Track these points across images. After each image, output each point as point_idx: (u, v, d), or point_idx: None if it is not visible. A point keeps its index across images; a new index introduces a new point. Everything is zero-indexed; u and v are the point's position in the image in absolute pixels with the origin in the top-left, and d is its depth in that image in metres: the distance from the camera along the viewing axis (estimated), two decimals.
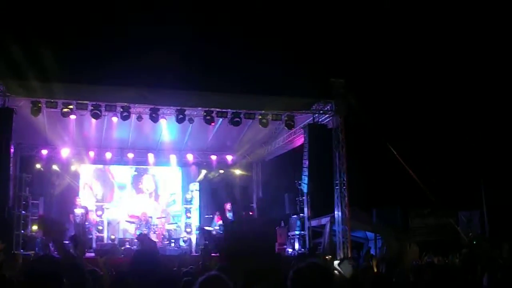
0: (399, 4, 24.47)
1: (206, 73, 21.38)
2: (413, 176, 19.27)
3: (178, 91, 19.30)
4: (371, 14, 25.32)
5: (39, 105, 18.10)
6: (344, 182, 19.57)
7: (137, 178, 26.47)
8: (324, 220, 21.95)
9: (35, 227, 22.96)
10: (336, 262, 9.20)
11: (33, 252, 20.99)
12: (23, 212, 22.34)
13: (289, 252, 22.61)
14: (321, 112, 20.26)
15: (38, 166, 24.49)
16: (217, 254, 16.69)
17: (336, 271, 8.95)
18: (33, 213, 23.09)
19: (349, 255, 18.84)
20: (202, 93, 19.31)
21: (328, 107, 20.09)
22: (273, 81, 20.33)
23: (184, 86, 19.13)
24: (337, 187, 19.64)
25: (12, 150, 18.69)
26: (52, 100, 18.09)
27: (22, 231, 22.07)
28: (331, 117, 20.13)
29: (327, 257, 18.42)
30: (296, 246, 22.38)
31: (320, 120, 20.35)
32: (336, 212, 19.74)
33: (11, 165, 19.36)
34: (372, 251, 22.55)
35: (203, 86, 19.18)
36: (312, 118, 20.31)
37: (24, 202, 22.53)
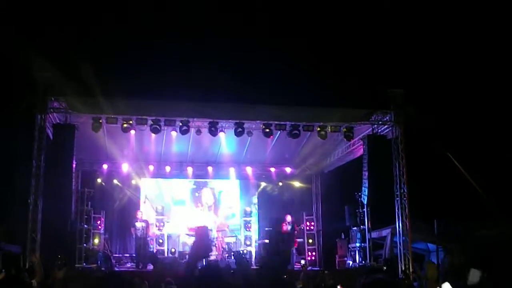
0: (455, 13, 24.15)
1: (264, 86, 21.37)
2: (475, 186, 18.93)
3: (236, 104, 19.36)
4: (427, 23, 25.01)
5: (100, 121, 18.39)
6: (405, 193, 19.31)
7: (196, 191, 26.62)
8: (385, 232, 21.72)
9: (96, 241, 23.27)
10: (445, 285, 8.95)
11: (95, 265, 21.32)
12: (85, 226, 22.72)
13: (350, 265, 22.43)
14: (380, 122, 20.06)
15: (99, 180, 24.88)
16: None
17: None
18: (95, 226, 23.41)
19: (411, 267, 18.58)
20: (260, 106, 19.30)
21: (387, 117, 19.89)
22: (331, 93, 20.19)
23: (243, 99, 19.15)
24: (397, 198, 19.40)
25: (74, 166, 18.98)
26: (112, 116, 18.36)
27: (85, 245, 22.44)
28: (390, 128, 19.92)
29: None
30: (357, 258, 22.20)
31: (379, 130, 20.16)
32: (397, 224, 19.48)
33: (73, 180, 19.70)
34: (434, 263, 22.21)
35: (261, 99, 19.16)
36: (371, 129, 20.13)
37: (86, 216, 22.94)
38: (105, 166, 24.80)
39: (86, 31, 23.48)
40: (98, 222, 23.72)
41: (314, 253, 25.26)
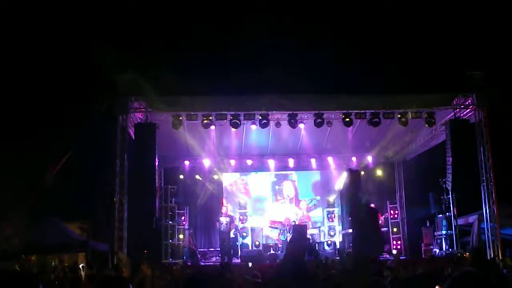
0: None
1: (342, 75, 21.20)
2: None
3: (314, 95, 19.26)
4: (506, 2, 24.36)
5: (180, 118, 18.62)
6: (491, 177, 18.86)
7: (277, 184, 26.67)
8: (472, 218, 21.30)
9: (181, 236, 23.55)
10: None
11: (181, 260, 21.61)
12: (170, 222, 23.01)
13: (436, 253, 22.06)
14: (462, 106, 19.64)
15: (181, 177, 25.13)
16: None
17: None
18: (179, 222, 23.69)
19: (500, 254, 18.14)
20: (339, 95, 19.17)
21: (469, 101, 19.46)
22: (410, 78, 19.87)
23: (320, 89, 19.04)
24: (483, 184, 18.97)
25: (156, 163, 19.25)
26: (192, 113, 18.54)
27: (170, 241, 22.73)
28: (473, 111, 19.47)
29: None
30: (444, 246, 21.82)
31: (461, 115, 19.74)
32: (483, 209, 19.04)
33: (156, 177, 19.99)
34: None
35: (340, 89, 19.02)
36: (453, 113, 19.73)
37: (170, 213, 23.22)
38: (186, 163, 25.08)
39: (163, 31, 23.79)
40: (182, 218, 24.00)
41: (399, 242, 24.97)
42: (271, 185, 26.72)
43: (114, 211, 17.68)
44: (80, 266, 18.25)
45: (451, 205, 21.73)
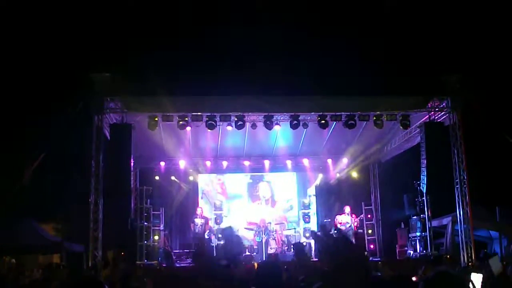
0: None
1: (318, 77, 21.26)
2: None
3: (290, 97, 19.29)
4: (481, 6, 24.60)
5: (156, 119, 18.58)
6: (465, 180, 18.99)
7: (253, 185, 26.71)
8: (446, 220, 21.48)
9: (156, 238, 23.52)
10: (474, 275, 8.69)
11: (156, 262, 21.57)
12: (145, 223, 22.95)
13: (411, 254, 22.21)
14: (437, 109, 19.77)
15: (157, 178, 25.11)
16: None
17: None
18: (154, 224, 23.65)
19: (473, 255, 18.29)
20: (315, 97, 19.22)
21: (444, 104, 19.60)
22: (386, 81, 19.97)
23: (297, 92, 19.08)
24: (457, 186, 19.10)
25: (132, 164, 19.20)
26: (168, 114, 18.52)
27: (145, 242, 22.69)
28: (447, 114, 19.61)
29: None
30: (418, 248, 21.98)
31: (436, 117, 19.85)
32: (457, 211, 19.18)
33: (132, 178, 19.94)
34: (497, 250, 21.88)
35: (315, 91, 19.06)
36: (428, 116, 19.86)
37: (145, 214, 23.17)
38: (162, 164, 25.05)
39: (139, 31, 23.74)
40: (158, 219, 23.96)
41: (374, 244, 25.12)
42: (247, 186, 26.75)
43: (89, 212, 17.60)
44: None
45: (426, 207, 21.89)
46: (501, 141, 18.96)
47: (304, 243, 23.67)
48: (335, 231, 20.70)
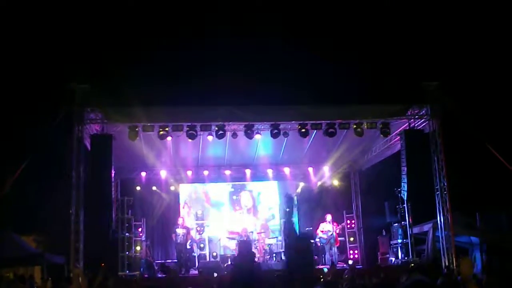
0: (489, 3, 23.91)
1: (298, 86, 21.35)
2: None
3: (270, 106, 19.33)
4: (459, 14, 24.79)
5: (136, 129, 18.51)
6: (445, 186, 19.06)
7: (234, 194, 26.76)
8: (427, 227, 21.55)
9: (138, 248, 23.46)
10: None
11: (138, 272, 21.49)
12: (126, 234, 22.89)
13: (392, 262, 22.29)
14: (417, 117, 19.86)
15: (138, 188, 25.06)
16: None
17: None
18: (136, 234, 23.59)
19: (454, 261, 18.37)
20: (295, 106, 19.25)
21: (423, 111, 19.69)
22: (366, 89, 20.10)
23: (277, 101, 19.13)
24: (437, 192, 19.18)
25: (112, 175, 19.13)
26: (148, 124, 18.47)
27: (127, 253, 22.62)
28: (427, 122, 19.71)
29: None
30: (399, 254, 22.06)
31: (416, 125, 19.94)
32: (438, 218, 19.26)
33: (112, 189, 19.87)
34: (478, 256, 21.98)
35: (295, 100, 19.12)
36: (408, 123, 19.95)
37: (127, 225, 23.14)
38: (143, 174, 24.99)
39: (119, 42, 23.70)
40: (139, 230, 23.94)
41: (356, 251, 25.19)
42: (228, 195, 26.78)
43: (70, 223, 17.50)
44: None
45: (406, 214, 22.03)
46: (480, 148, 19.07)
47: None
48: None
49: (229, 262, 22.02)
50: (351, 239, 25.36)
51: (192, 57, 24.79)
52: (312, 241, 21.96)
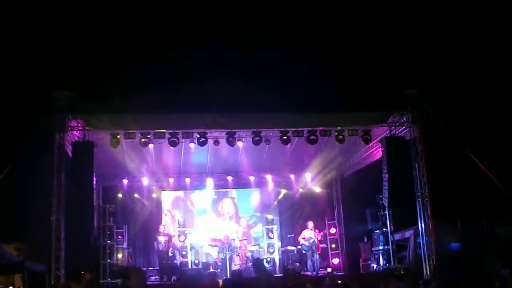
0: (468, 10, 24.08)
1: (279, 93, 21.38)
2: (497, 183, 18.73)
3: (252, 113, 19.32)
4: (440, 22, 24.95)
5: (118, 137, 18.47)
6: (426, 193, 19.17)
7: (217, 202, 26.79)
8: (408, 233, 21.64)
9: (120, 256, 23.39)
10: None
11: (119, 280, 21.38)
12: (108, 241, 22.82)
13: (374, 268, 22.37)
14: (398, 124, 19.96)
15: (120, 195, 25.01)
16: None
17: None
18: (118, 242, 23.53)
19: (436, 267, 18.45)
20: (276, 114, 19.26)
21: (404, 118, 19.80)
22: (347, 97, 20.15)
23: (258, 108, 19.13)
24: (419, 199, 19.29)
25: (94, 182, 19.08)
26: (130, 131, 18.44)
27: (109, 260, 22.54)
28: (408, 129, 19.82)
29: None
30: (381, 261, 22.14)
31: (397, 132, 20.05)
32: (419, 224, 19.36)
33: (94, 196, 19.81)
34: None
35: (277, 107, 19.14)
36: (389, 131, 20.05)
37: (109, 232, 23.06)
38: (125, 181, 24.96)
39: (102, 48, 23.64)
40: (121, 237, 23.84)
41: (338, 258, 25.24)
42: (211, 202, 26.78)
43: (51, 231, 17.42)
44: None
45: (388, 221, 22.11)
46: (461, 155, 19.18)
47: (268, 259, 23.78)
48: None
49: (212, 269, 22.05)
50: (333, 246, 25.41)
51: (174, 65, 24.77)
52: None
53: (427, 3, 24.93)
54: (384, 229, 22.39)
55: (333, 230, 25.70)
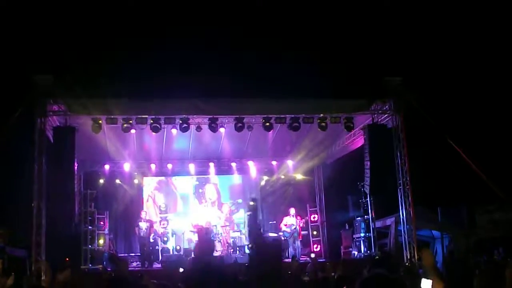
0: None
1: (262, 80, 21.31)
2: (477, 172, 18.80)
3: (235, 99, 19.25)
4: (422, 9, 24.98)
5: (100, 122, 18.35)
6: (407, 181, 19.20)
7: (199, 187, 26.74)
8: (389, 221, 21.76)
9: (101, 241, 23.32)
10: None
11: (101, 266, 21.36)
12: (89, 227, 22.78)
13: (355, 255, 22.46)
14: (380, 112, 19.97)
15: (101, 181, 24.91)
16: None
17: None
18: (99, 227, 23.46)
19: (416, 254, 18.52)
20: (259, 100, 19.20)
21: (386, 106, 19.81)
22: (330, 84, 20.11)
23: (241, 94, 19.06)
24: (400, 187, 19.33)
25: (75, 167, 18.96)
26: (112, 117, 18.33)
27: (90, 246, 22.51)
28: (390, 117, 19.84)
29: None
30: (362, 248, 22.23)
31: (379, 120, 20.05)
32: (400, 212, 19.43)
33: (75, 181, 19.71)
34: (439, 249, 22.25)
35: (260, 94, 19.07)
36: (371, 118, 20.06)
37: (90, 218, 23.02)
38: (107, 167, 24.87)
39: (83, 33, 23.46)
40: (102, 223, 23.78)
41: (319, 245, 25.31)
42: (193, 188, 26.75)
43: (31, 217, 17.31)
44: None
45: (369, 208, 22.19)
46: (442, 143, 19.23)
47: (250, 245, 23.80)
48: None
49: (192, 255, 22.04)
50: (315, 232, 25.48)
51: (156, 51, 24.65)
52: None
53: None
54: (365, 216, 22.49)
55: (314, 217, 25.75)
